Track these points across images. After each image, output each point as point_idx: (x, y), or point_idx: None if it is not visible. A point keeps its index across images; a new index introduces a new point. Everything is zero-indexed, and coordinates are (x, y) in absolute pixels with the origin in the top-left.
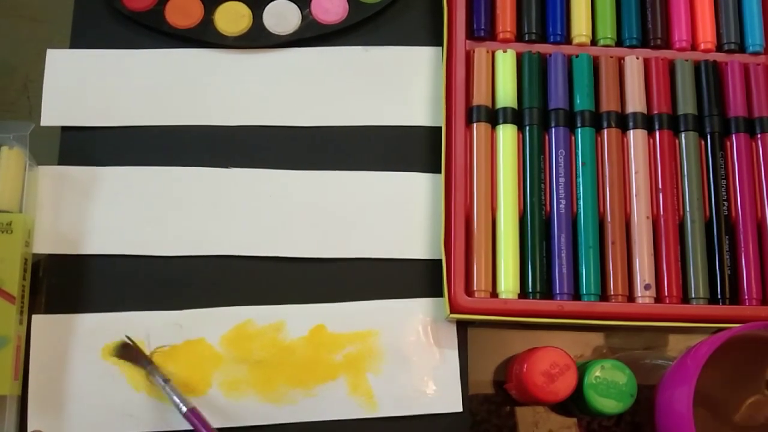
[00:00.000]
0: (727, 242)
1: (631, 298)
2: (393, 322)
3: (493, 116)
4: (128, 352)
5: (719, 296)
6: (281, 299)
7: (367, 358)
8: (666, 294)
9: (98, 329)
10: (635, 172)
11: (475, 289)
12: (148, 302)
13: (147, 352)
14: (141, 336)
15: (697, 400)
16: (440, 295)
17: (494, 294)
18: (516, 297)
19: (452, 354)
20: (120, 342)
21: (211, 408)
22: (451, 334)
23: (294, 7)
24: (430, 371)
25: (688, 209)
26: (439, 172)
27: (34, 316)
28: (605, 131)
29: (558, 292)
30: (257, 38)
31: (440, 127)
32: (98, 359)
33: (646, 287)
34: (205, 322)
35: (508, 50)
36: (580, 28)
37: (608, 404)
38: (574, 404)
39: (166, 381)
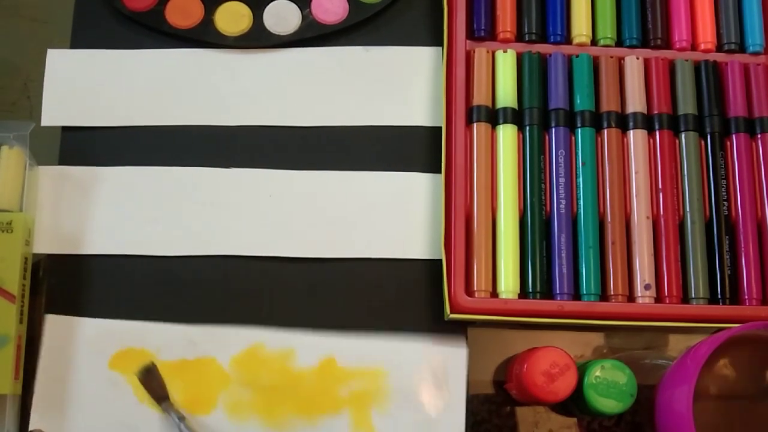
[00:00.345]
0: (727, 242)
1: (631, 298)
2: (403, 363)
3: (493, 116)
4: (150, 379)
5: (719, 296)
6: (280, 299)
7: (373, 395)
8: (666, 294)
9: (110, 336)
10: (635, 172)
11: (475, 289)
12: (147, 303)
13: (156, 362)
14: (152, 348)
15: (697, 400)
16: (440, 298)
17: (494, 294)
18: (516, 297)
19: (459, 401)
20: (146, 365)
21: (214, 429)
22: (460, 377)
23: (294, 7)
24: (435, 417)
25: (688, 209)
26: (439, 172)
27: (47, 316)
28: (605, 131)
29: (558, 292)
30: (257, 38)
31: (440, 127)
32: (106, 367)
33: (646, 287)
34: (218, 341)
35: (509, 50)
36: (580, 28)
37: (608, 404)
38: (574, 404)
39: (181, 419)
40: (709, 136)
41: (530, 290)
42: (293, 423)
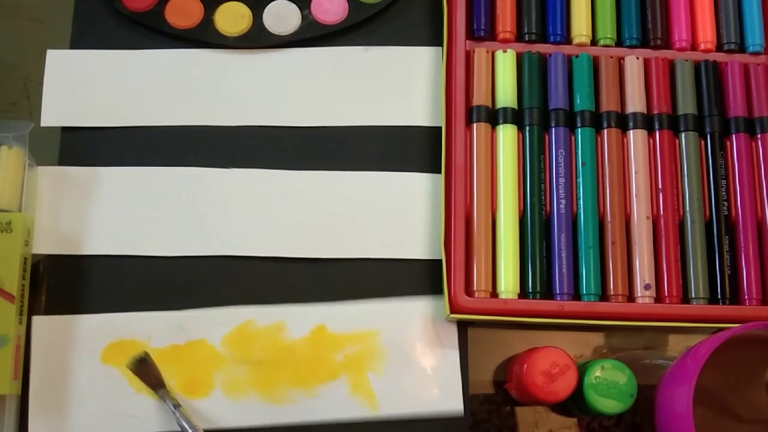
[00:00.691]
0: (727, 242)
1: (631, 298)
2: (393, 323)
3: (493, 116)
4: (143, 368)
5: (719, 296)
6: (281, 299)
7: (367, 358)
8: (666, 294)
9: (99, 330)
10: (635, 172)
11: (475, 289)
12: (148, 302)
13: (148, 351)
14: (142, 337)
15: (697, 400)
16: (440, 293)
17: (494, 294)
18: (516, 297)
19: (453, 354)
20: (138, 355)
21: (214, 409)
22: (452, 334)
23: (294, 7)
24: (430, 371)
25: (688, 209)
26: (439, 172)
27: (34, 318)
28: (605, 131)
29: (558, 292)
30: (257, 38)
31: (440, 127)
32: (99, 360)
33: (646, 287)
34: (206, 323)
35: (508, 50)
36: (580, 28)
37: (608, 404)
38: (574, 404)
39: (177, 406)
40: (709, 136)
41: (530, 290)
42: (292, 394)
